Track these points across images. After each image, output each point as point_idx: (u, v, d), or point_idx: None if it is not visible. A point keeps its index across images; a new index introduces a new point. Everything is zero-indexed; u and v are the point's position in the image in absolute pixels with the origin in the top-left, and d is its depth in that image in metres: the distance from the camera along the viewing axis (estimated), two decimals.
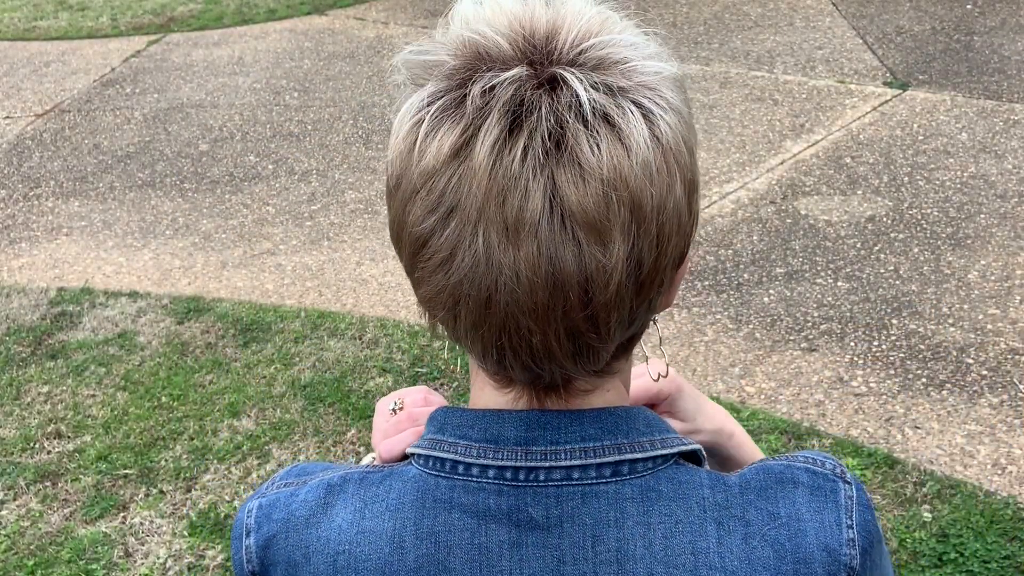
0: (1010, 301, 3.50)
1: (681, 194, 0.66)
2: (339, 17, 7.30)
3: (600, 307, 0.65)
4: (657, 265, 0.66)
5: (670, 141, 0.65)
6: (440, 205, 0.64)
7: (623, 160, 0.63)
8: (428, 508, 0.73)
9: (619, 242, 0.63)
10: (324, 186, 4.80)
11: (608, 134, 0.63)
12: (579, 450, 0.72)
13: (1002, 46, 5.64)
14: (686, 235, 0.69)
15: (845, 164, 4.51)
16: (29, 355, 3.70)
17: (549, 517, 0.71)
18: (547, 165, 0.62)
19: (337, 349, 3.57)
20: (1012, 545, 2.56)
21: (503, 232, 0.62)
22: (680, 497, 0.73)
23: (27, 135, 5.65)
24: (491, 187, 0.62)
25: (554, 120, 0.63)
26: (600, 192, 0.62)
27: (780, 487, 0.74)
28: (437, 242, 0.65)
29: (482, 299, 0.64)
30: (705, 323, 3.53)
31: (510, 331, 0.65)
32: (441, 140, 0.64)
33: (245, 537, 0.78)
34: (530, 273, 0.63)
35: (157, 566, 2.74)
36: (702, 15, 6.61)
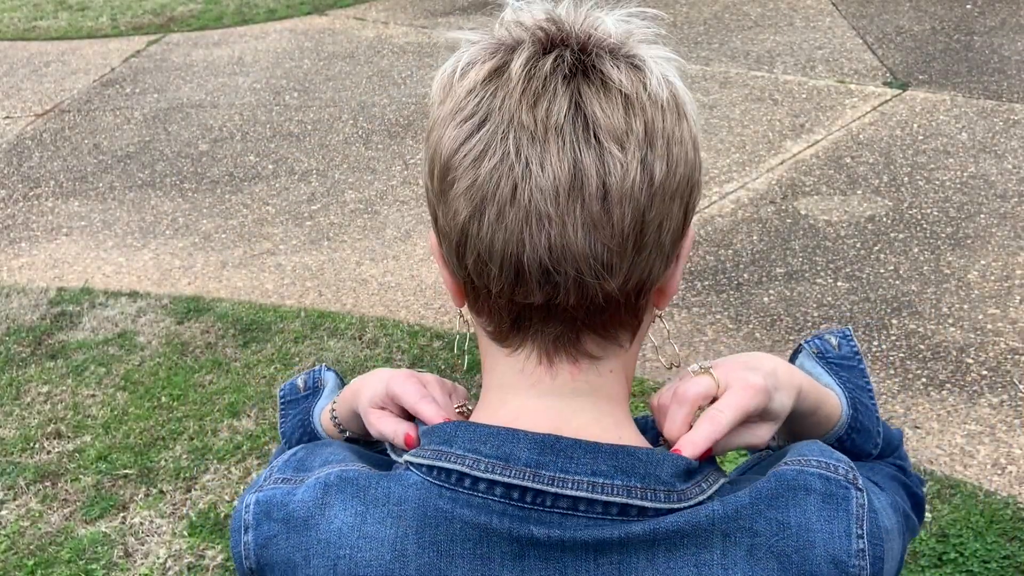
0: (1010, 301, 3.50)
1: (687, 137, 0.72)
2: (339, 17, 7.30)
3: (615, 202, 0.68)
4: (666, 185, 0.70)
5: (679, 96, 0.73)
6: (475, 114, 0.70)
7: (640, 87, 0.70)
8: (430, 518, 0.73)
9: (634, 148, 0.69)
10: (324, 186, 4.80)
11: (628, 68, 0.71)
12: (587, 483, 0.72)
13: (1002, 46, 5.64)
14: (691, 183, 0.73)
15: (845, 164, 4.51)
16: (29, 355, 3.70)
17: (551, 537, 0.72)
18: (575, 78, 0.70)
19: (337, 349, 3.57)
20: (1012, 545, 2.56)
21: (532, 131, 0.68)
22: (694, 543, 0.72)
23: (27, 135, 5.66)
24: (523, 93, 0.69)
25: (581, 48, 0.71)
26: (620, 104, 0.69)
27: (791, 494, 0.74)
28: (471, 144, 0.70)
29: (508, 191, 0.69)
30: (705, 323, 3.54)
31: (532, 224, 0.68)
32: (481, 66, 0.72)
33: (243, 533, 0.79)
34: (556, 165, 0.68)
35: (157, 566, 2.74)
36: (702, 15, 6.61)
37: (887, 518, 0.78)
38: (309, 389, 1.08)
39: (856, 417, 0.91)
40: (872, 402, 0.95)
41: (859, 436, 0.92)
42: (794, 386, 0.83)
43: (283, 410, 1.07)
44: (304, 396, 1.07)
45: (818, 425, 0.89)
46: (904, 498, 0.91)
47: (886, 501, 0.81)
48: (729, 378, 0.80)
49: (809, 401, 0.86)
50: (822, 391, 0.88)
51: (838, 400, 0.91)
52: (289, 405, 1.07)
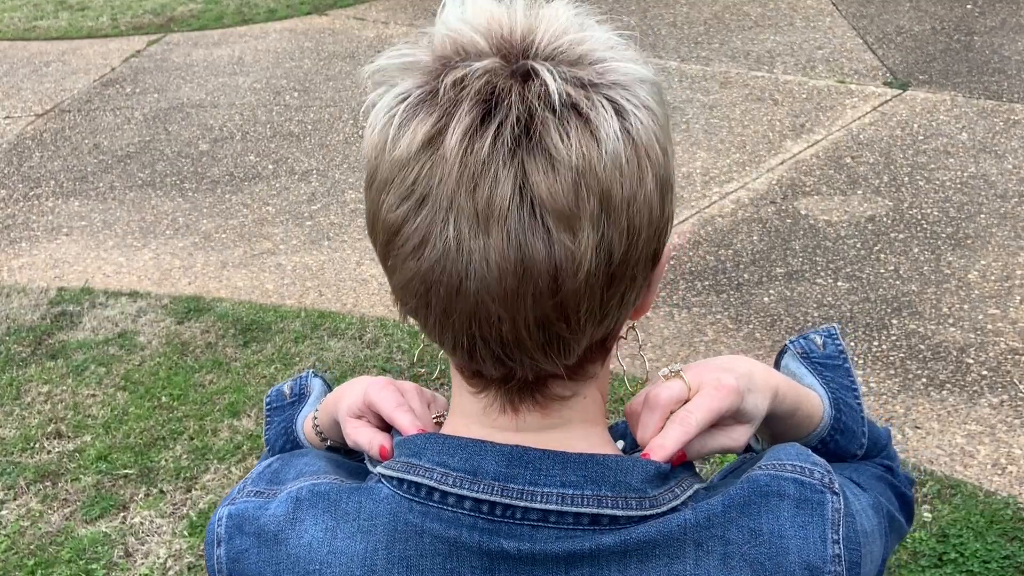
0: (1010, 301, 3.50)
1: (652, 189, 0.66)
2: (339, 17, 7.30)
3: (570, 295, 0.64)
4: (627, 258, 0.66)
5: (642, 137, 0.65)
6: (412, 193, 0.65)
7: (592, 150, 0.63)
8: (400, 532, 0.72)
9: (588, 231, 0.63)
10: (324, 186, 4.80)
11: (578, 125, 0.63)
12: (556, 495, 0.70)
13: (1002, 46, 5.64)
14: (658, 232, 0.68)
15: (845, 164, 4.51)
16: (29, 355, 3.70)
17: (521, 550, 0.71)
18: (517, 153, 0.63)
19: (337, 349, 3.57)
20: (1012, 545, 2.56)
21: (473, 219, 0.63)
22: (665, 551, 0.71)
23: (27, 135, 5.66)
24: (461, 175, 0.63)
25: (524, 109, 0.63)
26: (569, 181, 0.62)
27: (764, 501, 0.72)
28: (409, 229, 0.65)
29: (453, 285, 0.65)
30: (705, 323, 3.54)
31: (480, 319, 0.65)
32: (414, 130, 0.65)
33: (216, 547, 0.79)
34: (500, 259, 0.63)
35: (157, 566, 2.74)
36: (702, 15, 6.61)
37: (866, 520, 0.77)
38: (295, 396, 1.07)
39: (839, 418, 0.90)
40: (857, 402, 0.93)
41: (842, 437, 0.90)
42: (770, 387, 0.82)
43: (269, 417, 1.06)
44: (290, 403, 1.06)
45: (798, 427, 0.88)
46: (890, 498, 0.89)
47: (866, 502, 0.80)
48: (701, 380, 0.78)
49: (787, 403, 0.84)
50: (801, 393, 0.87)
51: (820, 401, 0.89)
52: (275, 412, 1.06)
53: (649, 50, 6.02)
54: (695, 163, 4.63)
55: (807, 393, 0.88)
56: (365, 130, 0.70)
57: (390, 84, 0.69)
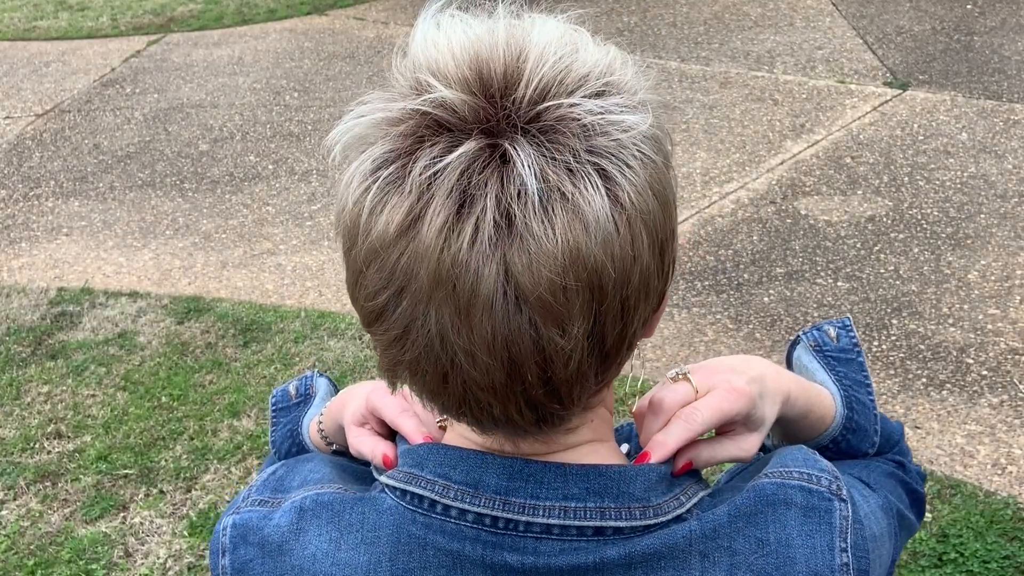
0: (1010, 301, 3.50)
1: (649, 260, 0.63)
2: (339, 17, 7.30)
3: (561, 383, 0.63)
4: (623, 336, 0.65)
5: (635, 204, 0.61)
6: (391, 282, 0.62)
7: (580, 239, 0.59)
8: (403, 544, 0.72)
9: (578, 323, 0.61)
10: (324, 186, 4.80)
11: (563, 212, 0.59)
12: (559, 508, 0.69)
13: (1002, 46, 5.64)
14: (659, 293, 0.67)
15: (845, 164, 4.51)
16: (29, 355, 3.70)
17: (525, 563, 0.70)
18: (499, 247, 0.59)
19: (337, 349, 3.57)
20: (1012, 545, 2.56)
21: (455, 314, 0.60)
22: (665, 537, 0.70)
23: (27, 135, 5.66)
24: (440, 271, 0.59)
25: (504, 204, 0.59)
26: (557, 277, 0.59)
27: (771, 510, 0.71)
28: (390, 318, 0.63)
29: (439, 376, 0.63)
30: (705, 323, 3.54)
31: (470, 403, 0.65)
32: (388, 215, 0.61)
33: (221, 556, 0.78)
34: (485, 355, 0.61)
35: (157, 566, 2.74)
36: (702, 15, 6.61)
37: (875, 524, 0.76)
38: (300, 396, 1.05)
39: (851, 417, 0.89)
40: (870, 398, 0.92)
41: (854, 436, 0.89)
42: (781, 392, 0.80)
43: (274, 417, 1.04)
44: (295, 404, 1.04)
45: (810, 428, 0.87)
46: (901, 495, 0.88)
47: (876, 504, 0.79)
48: (712, 382, 0.77)
49: (798, 407, 0.83)
50: (813, 395, 0.85)
51: (832, 401, 0.88)
52: (280, 413, 1.04)
53: (649, 50, 6.03)
54: (695, 163, 4.63)
55: (819, 394, 0.87)
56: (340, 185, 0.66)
57: (365, 141, 0.65)
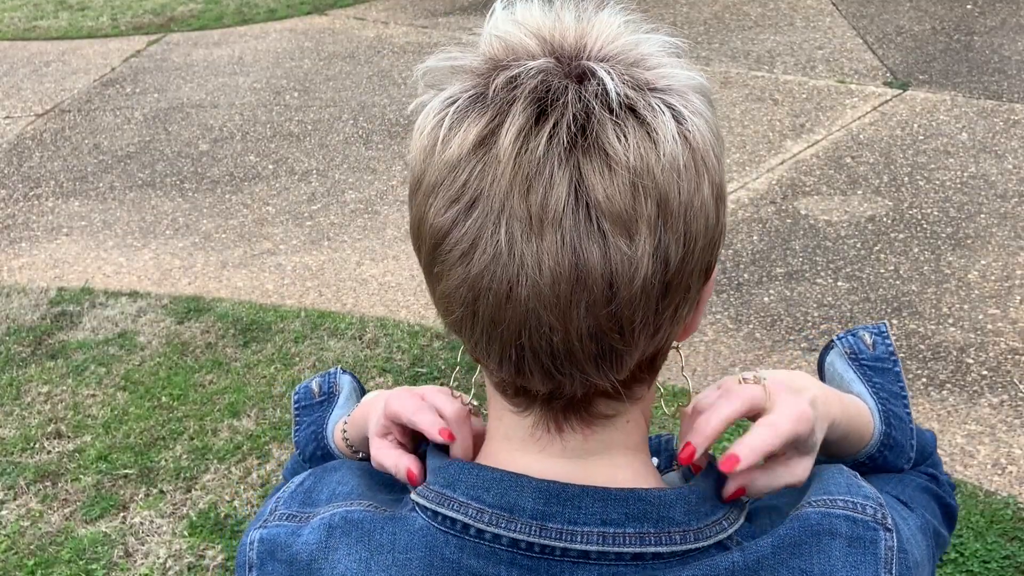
0: (1010, 301, 3.50)
1: (708, 196, 0.64)
2: (339, 17, 7.30)
3: (624, 303, 0.61)
4: (683, 266, 0.63)
5: (699, 142, 0.63)
6: (463, 195, 0.62)
7: (650, 153, 0.61)
8: (436, 567, 0.70)
9: (645, 235, 0.61)
10: (324, 186, 4.80)
11: (636, 127, 0.61)
12: (597, 534, 0.68)
13: (1002, 46, 5.64)
14: (713, 242, 0.66)
15: (845, 164, 4.51)
16: (29, 355, 3.70)
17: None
18: (573, 154, 0.60)
19: (337, 349, 3.57)
20: (1012, 545, 2.56)
21: (527, 222, 0.60)
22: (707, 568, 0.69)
23: (27, 135, 5.66)
24: (515, 175, 0.60)
25: (581, 108, 0.61)
26: (627, 183, 0.60)
27: (815, 541, 0.69)
28: (459, 233, 0.63)
29: (503, 292, 0.62)
30: (705, 323, 3.54)
31: (531, 328, 0.62)
32: (466, 131, 0.63)
33: (248, 571, 0.77)
34: (553, 264, 0.60)
35: (157, 566, 2.74)
36: (702, 15, 6.61)
37: (917, 549, 0.75)
38: (324, 394, 1.03)
39: (889, 433, 0.87)
40: (906, 411, 0.89)
41: (891, 453, 0.87)
42: (829, 417, 0.78)
43: (298, 416, 1.03)
44: (319, 402, 1.03)
45: (848, 447, 0.85)
46: (935, 511, 0.86)
47: (915, 526, 0.78)
48: (777, 398, 0.74)
49: (839, 431, 0.81)
50: (853, 414, 0.83)
51: (870, 418, 0.86)
52: (304, 411, 1.03)
53: None
54: None
55: (859, 412, 0.85)
56: (412, 134, 0.68)
57: (438, 87, 0.67)
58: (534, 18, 0.66)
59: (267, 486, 2.98)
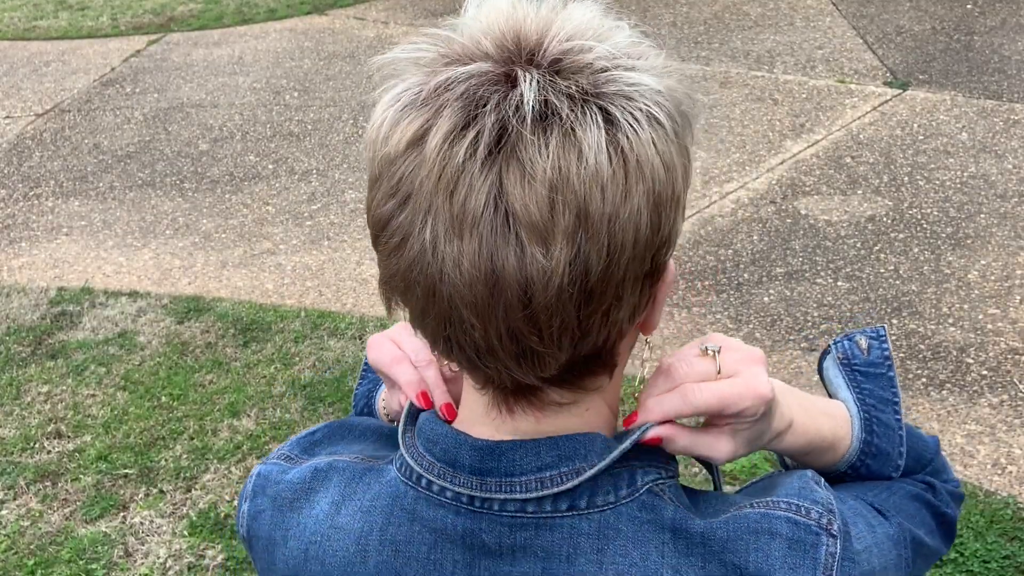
0: (1010, 301, 3.50)
1: (643, 205, 0.63)
2: (339, 17, 7.30)
3: (540, 309, 0.62)
4: (608, 274, 0.63)
5: (635, 151, 0.63)
6: (398, 191, 0.65)
7: (571, 163, 0.61)
8: (395, 516, 0.74)
9: (562, 246, 0.61)
10: (324, 186, 4.80)
11: (559, 136, 0.61)
12: (535, 480, 0.70)
13: (1002, 46, 5.64)
14: (652, 250, 0.65)
15: (845, 164, 4.51)
16: (29, 355, 3.70)
17: (502, 545, 0.71)
18: (496, 162, 0.61)
19: (337, 349, 3.57)
20: (1012, 545, 2.56)
21: (449, 224, 0.62)
22: (639, 540, 0.69)
23: (27, 135, 5.66)
24: (440, 178, 0.62)
25: (498, 118, 0.62)
26: (544, 194, 0.60)
27: (753, 539, 0.69)
28: (394, 226, 0.66)
29: (429, 287, 0.64)
30: (705, 323, 3.54)
31: (454, 323, 0.65)
32: (403, 130, 0.65)
33: (243, 502, 0.82)
34: (470, 267, 0.62)
35: (157, 566, 2.74)
36: (702, 15, 6.61)
37: (877, 558, 0.74)
38: None
39: (871, 442, 0.86)
40: (896, 417, 0.88)
41: (875, 461, 0.86)
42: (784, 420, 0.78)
43: (364, 371, 1.04)
44: None
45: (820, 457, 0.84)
46: (924, 519, 0.85)
47: (884, 534, 0.77)
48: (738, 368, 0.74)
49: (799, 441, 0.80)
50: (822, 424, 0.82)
51: (847, 427, 0.85)
52: (369, 368, 1.04)
53: None
54: (695, 163, 4.62)
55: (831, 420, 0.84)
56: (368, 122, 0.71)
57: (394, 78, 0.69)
58: (501, 13, 0.67)
59: None
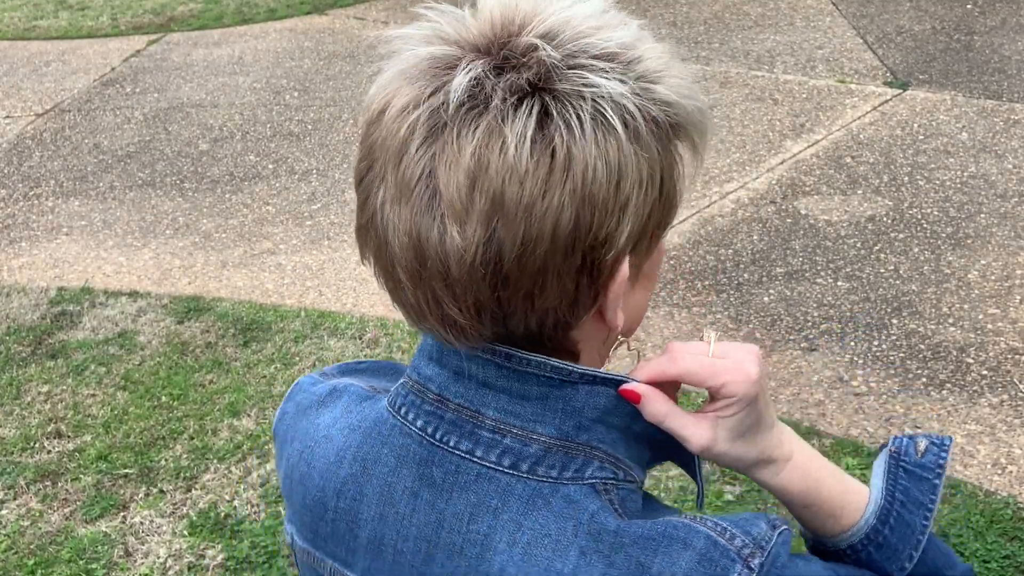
0: (1010, 301, 3.50)
1: (565, 203, 0.64)
2: (339, 17, 7.30)
3: (456, 283, 0.67)
4: (523, 263, 0.65)
5: (567, 149, 0.64)
6: (368, 154, 0.71)
7: (494, 151, 0.64)
8: (372, 438, 0.79)
9: (476, 228, 0.65)
10: (324, 185, 4.80)
11: (486, 126, 0.64)
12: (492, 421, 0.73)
13: (1002, 46, 5.64)
14: (577, 246, 0.66)
15: (845, 164, 4.51)
16: (29, 355, 3.70)
17: (445, 481, 0.74)
18: (433, 142, 0.66)
19: (337, 349, 3.57)
20: (1012, 545, 2.56)
21: (394, 191, 0.68)
22: (562, 515, 0.70)
23: (27, 135, 5.66)
24: (390, 149, 0.68)
25: (443, 102, 0.66)
26: (463, 179, 0.64)
27: (666, 543, 0.68)
28: (363, 184, 0.71)
29: (379, 245, 0.70)
30: (705, 323, 3.54)
31: (395, 281, 0.70)
32: (378, 98, 0.70)
33: (285, 401, 0.91)
34: (404, 234, 0.67)
35: (157, 566, 2.74)
36: (702, 15, 6.61)
37: None
38: None
39: (881, 531, 0.82)
40: (924, 522, 0.83)
41: (878, 552, 0.82)
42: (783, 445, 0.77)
43: None
44: None
45: (818, 520, 0.81)
46: None
47: None
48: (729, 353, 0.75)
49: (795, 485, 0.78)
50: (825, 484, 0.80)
51: (859, 505, 0.82)
52: None
53: None
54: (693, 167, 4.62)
55: (840, 488, 0.81)
56: None
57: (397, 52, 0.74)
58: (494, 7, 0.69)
59: (267, 486, 2.98)
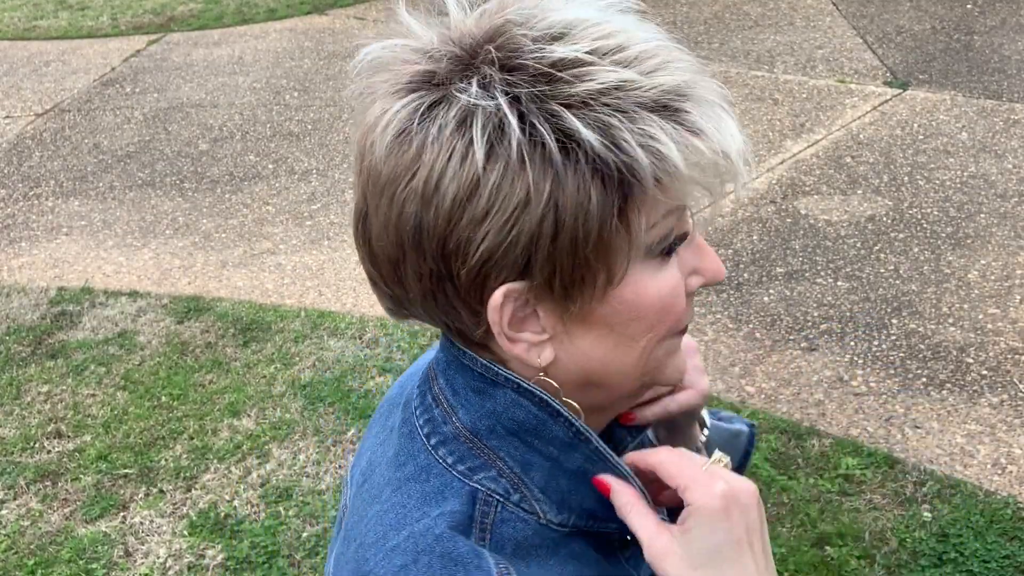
0: (1010, 301, 3.50)
1: (406, 199, 0.68)
2: (339, 17, 7.30)
3: (383, 261, 0.73)
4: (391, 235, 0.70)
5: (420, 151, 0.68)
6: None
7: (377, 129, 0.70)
8: (409, 377, 0.92)
9: (362, 196, 0.73)
10: (324, 185, 4.80)
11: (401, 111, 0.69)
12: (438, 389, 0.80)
13: (1002, 46, 5.64)
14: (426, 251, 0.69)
15: (845, 164, 4.51)
16: (29, 355, 3.70)
17: (395, 428, 0.84)
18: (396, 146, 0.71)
19: (337, 349, 3.57)
20: (1012, 545, 2.56)
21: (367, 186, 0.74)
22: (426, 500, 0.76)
23: (27, 135, 5.65)
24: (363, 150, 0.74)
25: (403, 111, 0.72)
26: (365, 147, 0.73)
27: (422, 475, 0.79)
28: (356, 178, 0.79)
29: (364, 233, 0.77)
30: (705, 323, 3.54)
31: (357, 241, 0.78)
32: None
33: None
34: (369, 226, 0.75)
35: (157, 566, 2.74)
36: (702, 15, 6.61)
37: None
38: None
39: None
40: None
41: None
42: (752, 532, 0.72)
43: None
44: None
45: None
46: None
47: None
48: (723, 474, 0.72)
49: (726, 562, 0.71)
50: None
51: None
52: None
53: None
54: None
55: None
56: None
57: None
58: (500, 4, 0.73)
59: (267, 486, 2.98)
